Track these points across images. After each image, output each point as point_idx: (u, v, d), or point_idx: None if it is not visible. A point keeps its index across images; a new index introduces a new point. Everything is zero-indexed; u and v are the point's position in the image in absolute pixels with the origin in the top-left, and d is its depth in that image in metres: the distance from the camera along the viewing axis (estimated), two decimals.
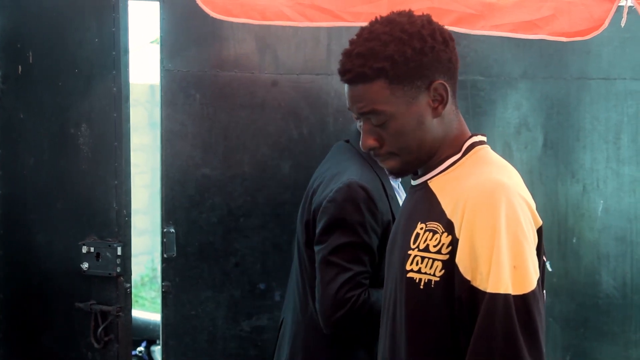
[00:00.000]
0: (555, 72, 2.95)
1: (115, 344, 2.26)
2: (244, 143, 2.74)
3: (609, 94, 2.98)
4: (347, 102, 1.43)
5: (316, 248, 1.93)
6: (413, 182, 1.49)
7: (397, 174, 1.50)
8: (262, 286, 2.79)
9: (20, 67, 2.44)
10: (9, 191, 2.50)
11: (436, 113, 1.39)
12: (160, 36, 2.70)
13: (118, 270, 2.24)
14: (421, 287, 1.35)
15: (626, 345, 3.03)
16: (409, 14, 1.40)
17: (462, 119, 1.46)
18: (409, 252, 1.39)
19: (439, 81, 1.37)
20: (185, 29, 2.68)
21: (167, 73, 2.67)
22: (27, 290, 2.47)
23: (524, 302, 1.24)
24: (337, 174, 1.97)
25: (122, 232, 2.26)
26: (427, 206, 1.40)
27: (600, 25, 2.24)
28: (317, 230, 1.92)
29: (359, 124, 1.91)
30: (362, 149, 1.44)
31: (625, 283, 3.01)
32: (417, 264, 1.36)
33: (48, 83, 2.40)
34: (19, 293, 2.49)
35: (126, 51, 2.27)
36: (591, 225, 3.00)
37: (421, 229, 1.38)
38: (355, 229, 1.87)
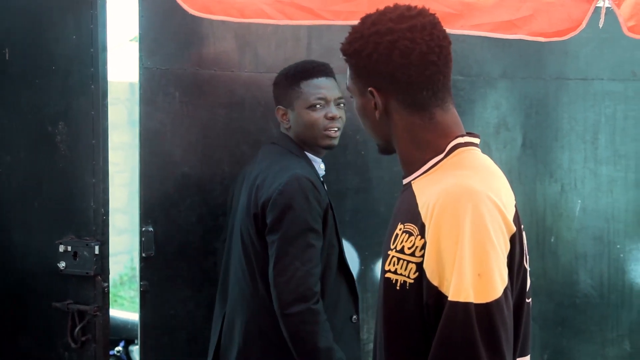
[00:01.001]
0: (534, 72, 2.97)
1: (93, 344, 2.23)
2: (224, 141, 2.72)
3: (587, 94, 3.00)
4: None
5: (270, 237, 2.16)
6: (404, 182, 1.49)
7: (378, 150, 1.57)
8: None
9: None
10: None
11: (376, 115, 1.44)
12: (139, 33, 2.68)
13: (95, 269, 2.21)
14: (397, 287, 1.34)
15: (603, 343, 3.06)
16: (395, 18, 1.41)
17: (451, 122, 1.45)
18: (389, 252, 1.39)
19: (370, 89, 1.42)
20: (164, 27, 2.66)
21: (146, 71, 2.65)
22: (2, 290, 2.44)
23: (486, 310, 1.22)
24: (280, 170, 2.21)
25: (99, 231, 2.24)
26: (407, 207, 1.40)
27: (578, 25, 2.26)
28: (270, 220, 2.15)
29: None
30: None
31: (602, 282, 3.04)
32: (394, 264, 1.36)
33: (25, 80, 2.37)
34: None
35: (104, 48, 2.25)
36: (569, 224, 3.03)
37: (400, 229, 1.38)
38: (305, 217, 2.14)
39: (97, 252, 2.21)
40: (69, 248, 2.24)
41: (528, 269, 1.40)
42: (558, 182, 3.00)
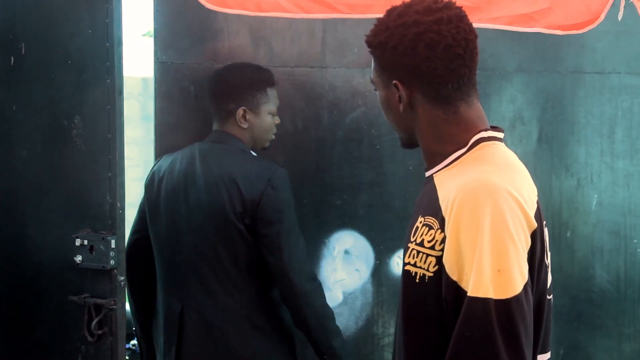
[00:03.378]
0: (550, 65, 2.94)
1: (109, 337, 2.23)
2: None
3: (604, 88, 2.97)
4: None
5: (269, 229, 2.25)
6: (426, 174, 1.49)
7: (400, 144, 1.57)
8: None
9: (12, 58, 2.42)
10: (2, 184, 2.48)
11: (400, 108, 1.44)
12: (154, 28, 2.68)
13: (112, 264, 2.21)
14: (417, 280, 1.34)
15: (619, 338, 3.03)
16: (421, 11, 1.40)
17: (475, 117, 1.44)
18: (409, 244, 1.39)
19: (395, 81, 1.42)
20: (179, 21, 2.67)
21: (161, 65, 2.66)
22: (21, 283, 2.45)
23: (506, 306, 1.21)
24: (258, 167, 2.32)
25: (116, 225, 2.24)
26: (428, 200, 1.40)
27: (596, 18, 2.24)
28: (267, 214, 2.25)
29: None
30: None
31: (618, 277, 3.01)
32: (413, 257, 1.36)
33: (40, 75, 2.37)
34: (12, 286, 2.47)
35: (120, 43, 2.25)
36: (585, 219, 3.00)
37: (420, 222, 1.38)
38: (294, 208, 2.34)
39: (113, 245, 2.20)
40: (86, 242, 2.24)
41: (549, 265, 1.39)
42: (574, 176, 2.98)
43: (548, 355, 1.43)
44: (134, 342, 3.82)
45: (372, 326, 2.89)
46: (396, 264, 2.88)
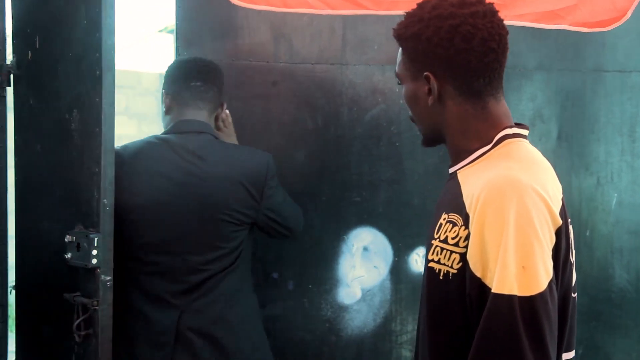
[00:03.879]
0: (570, 64, 2.93)
1: (94, 339, 2.14)
2: (258, 133, 2.73)
3: (624, 86, 2.96)
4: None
5: (269, 192, 2.31)
6: (449, 171, 1.49)
7: (422, 139, 1.56)
8: (275, 275, 2.79)
9: (30, 52, 2.42)
10: (22, 178, 2.48)
11: (429, 101, 1.44)
12: (176, 24, 2.70)
13: (94, 262, 2.10)
14: (440, 277, 1.34)
15: (639, 338, 3.02)
16: (456, 3, 1.41)
17: (501, 113, 1.45)
18: (432, 241, 1.39)
19: (427, 73, 1.42)
20: (200, 18, 2.68)
21: None
22: (29, 279, 2.43)
23: (530, 303, 1.21)
24: (248, 149, 2.39)
25: (99, 222, 2.13)
26: (451, 197, 1.40)
27: (623, 16, 2.23)
28: (269, 182, 2.31)
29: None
30: None
31: (638, 277, 3.00)
32: (437, 254, 1.36)
33: (50, 67, 2.34)
34: (29, 281, 2.46)
35: (110, 33, 2.15)
36: (605, 218, 2.99)
37: (444, 219, 1.38)
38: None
39: (96, 244, 2.10)
40: (74, 239, 2.16)
41: (574, 263, 1.39)
42: (594, 175, 2.97)
43: (572, 353, 1.43)
44: None
45: (390, 323, 2.89)
46: (415, 261, 2.88)
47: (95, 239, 2.10)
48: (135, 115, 9.14)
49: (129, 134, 10.00)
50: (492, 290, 1.23)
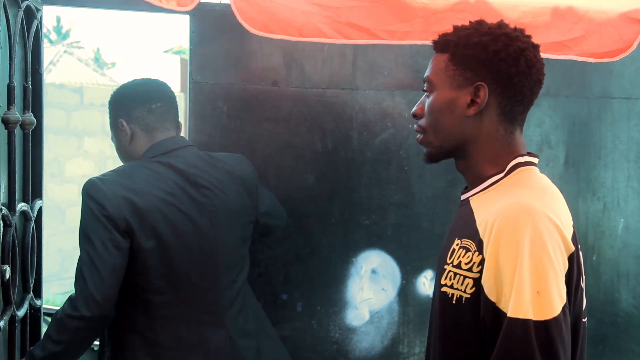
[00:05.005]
0: (577, 90, 2.97)
1: None
2: (270, 155, 2.77)
3: (631, 113, 3.00)
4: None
5: (261, 197, 2.37)
6: (462, 197, 1.52)
7: (425, 155, 1.56)
8: (284, 297, 2.81)
9: None
10: None
11: (468, 112, 1.45)
12: (190, 49, 2.75)
13: None
14: (453, 302, 1.37)
15: None
16: (518, 30, 1.48)
17: (517, 143, 1.48)
18: (445, 266, 1.42)
19: (482, 83, 1.43)
20: (214, 42, 2.73)
21: (195, 85, 2.71)
22: None
23: (545, 327, 1.24)
24: (230, 157, 2.33)
25: None
26: (464, 223, 1.43)
27: (629, 47, 2.27)
28: (257, 187, 2.34)
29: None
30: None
31: None
32: (450, 279, 1.39)
33: None
34: None
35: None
36: (611, 243, 3.02)
37: (457, 245, 1.41)
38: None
39: None
40: None
41: (584, 288, 1.42)
42: (600, 200, 3.00)
43: None
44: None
45: (398, 345, 2.91)
46: (422, 284, 2.90)
47: None
48: None
49: None
50: (508, 315, 1.26)
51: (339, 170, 2.84)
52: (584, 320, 1.42)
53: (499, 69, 1.42)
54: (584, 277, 1.42)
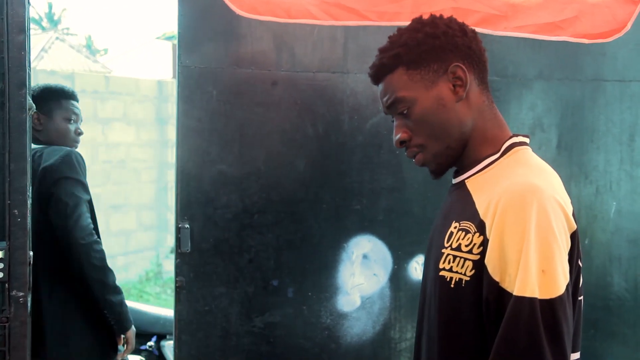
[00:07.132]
0: (570, 73, 2.95)
1: (7, 356, 1.99)
2: (260, 140, 2.75)
3: (624, 96, 2.98)
4: (381, 106, 1.52)
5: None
6: (453, 181, 1.51)
7: (433, 171, 1.52)
8: (275, 283, 2.80)
9: None
10: None
11: (458, 96, 1.44)
12: (178, 32, 2.71)
13: (0, 276, 1.96)
14: (452, 285, 1.36)
15: (637, 346, 3.03)
16: (432, 16, 1.50)
17: (501, 117, 1.49)
18: (442, 250, 1.40)
19: (456, 63, 1.43)
20: (203, 26, 2.69)
21: (184, 69, 2.68)
22: None
23: (550, 306, 1.24)
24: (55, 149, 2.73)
25: (12, 233, 1.99)
26: (462, 205, 1.42)
27: (623, 27, 2.24)
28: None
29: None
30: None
31: (636, 285, 3.02)
32: (449, 262, 1.38)
33: None
34: None
35: (21, 31, 1.97)
36: (604, 226, 3.01)
37: (455, 227, 1.39)
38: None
39: (2, 256, 1.96)
40: None
41: (582, 266, 1.41)
42: (593, 183, 2.99)
43: (578, 355, 1.45)
44: (151, 343, 3.85)
45: (390, 331, 2.91)
46: (414, 269, 2.89)
47: (0, 251, 1.97)
48: (134, 122, 9.16)
49: (127, 141, 10.03)
50: (514, 293, 1.25)
51: (329, 154, 2.82)
52: (580, 298, 1.42)
53: (456, 44, 1.44)
54: (581, 255, 1.42)
